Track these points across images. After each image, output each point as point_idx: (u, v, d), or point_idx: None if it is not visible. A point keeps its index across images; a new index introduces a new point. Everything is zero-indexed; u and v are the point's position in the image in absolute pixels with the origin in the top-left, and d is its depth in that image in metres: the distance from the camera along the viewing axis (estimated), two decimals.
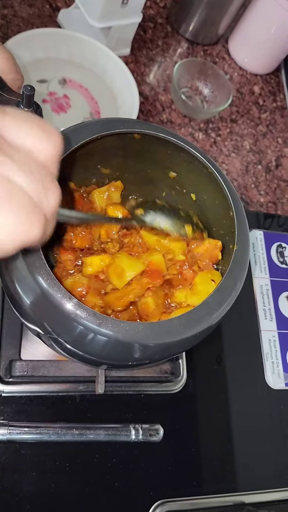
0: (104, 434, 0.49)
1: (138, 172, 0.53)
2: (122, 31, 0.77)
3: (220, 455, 0.56)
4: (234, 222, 0.45)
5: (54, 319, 0.39)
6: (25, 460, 0.48)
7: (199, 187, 0.51)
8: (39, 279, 0.37)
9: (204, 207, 0.52)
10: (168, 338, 0.37)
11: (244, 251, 0.44)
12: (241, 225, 0.45)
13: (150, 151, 0.50)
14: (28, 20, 0.77)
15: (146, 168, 0.53)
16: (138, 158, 0.51)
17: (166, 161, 0.51)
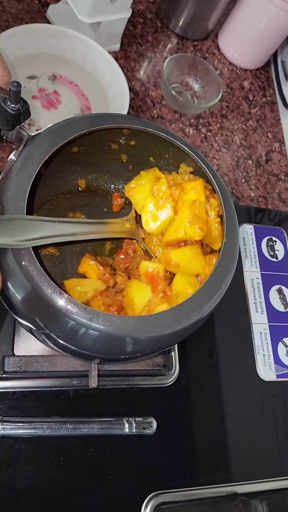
0: (97, 427, 0.50)
1: (126, 166, 0.53)
2: (111, 27, 0.77)
3: (213, 446, 0.57)
4: (223, 215, 0.45)
5: (45, 314, 0.39)
6: (20, 455, 0.48)
7: None
8: (29, 275, 0.37)
9: None
10: (159, 331, 0.38)
11: (233, 244, 0.44)
12: (230, 218, 0.46)
13: (139, 146, 0.50)
14: (17, 15, 0.77)
15: (134, 163, 0.53)
16: (126, 153, 0.52)
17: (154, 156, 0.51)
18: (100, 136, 0.47)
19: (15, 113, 0.40)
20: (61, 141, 0.42)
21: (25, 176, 0.39)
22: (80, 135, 0.43)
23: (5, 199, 0.38)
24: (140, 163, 0.52)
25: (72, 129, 0.43)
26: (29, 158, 0.40)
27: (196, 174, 0.49)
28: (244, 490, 0.55)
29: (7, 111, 0.40)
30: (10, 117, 0.40)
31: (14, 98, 0.39)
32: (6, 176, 0.41)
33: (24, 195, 0.38)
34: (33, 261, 0.37)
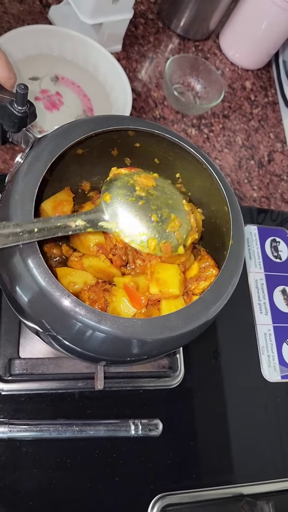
0: (104, 430, 0.50)
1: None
2: (113, 27, 0.77)
3: (218, 448, 0.57)
4: (229, 217, 0.45)
5: (53, 316, 0.39)
6: (26, 457, 0.48)
7: (192, 183, 0.52)
8: (37, 277, 0.37)
9: (197, 203, 0.52)
10: (167, 333, 0.38)
11: (240, 246, 0.44)
12: (236, 219, 0.46)
13: (144, 148, 0.50)
14: (18, 16, 0.77)
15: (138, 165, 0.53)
16: (132, 155, 0.52)
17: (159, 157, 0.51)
18: (105, 138, 0.47)
19: (21, 115, 0.40)
20: (67, 143, 0.42)
21: (32, 179, 0.39)
22: (85, 137, 0.43)
23: (12, 202, 0.38)
24: (144, 165, 0.52)
25: (78, 131, 0.43)
26: (36, 161, 0.40)
27: (200, 176, 0.49)
28: (250, 491, 0.55)
29: (13, 113, 0.39)
30: (16, 120, 0.40)
31: (21, 100, 0.39)
32: (13, 178, 0.41)
33: (32, 198, 0.38)
34: (40, 263, 0.37)
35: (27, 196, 0.38)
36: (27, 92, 0.38)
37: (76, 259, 0.48)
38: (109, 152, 0.51)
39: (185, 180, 0.52)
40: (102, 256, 0.47)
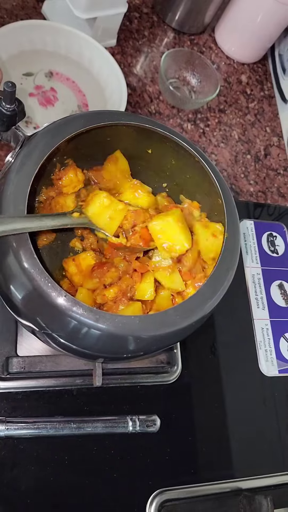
0: (101, 426, 0.50)
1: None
2: (107, 22, 0.76)
3: (216, 443, 0.57)
4: (223, 211, 0.45)
5: (48, 315, 0.39)
6: (24, 455, 0.48)
7: (185, 176, 0.51)
8: (31, 275, 0.37)
9: (191, 196, 0.52)
10: (164, 329, 0.38)
11: (235, 239, 0.44)
12: (231, 212, 0.46)
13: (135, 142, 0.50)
14: (12, 11, 0.76)
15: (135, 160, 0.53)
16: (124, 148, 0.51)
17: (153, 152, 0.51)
18: (96, 134, 0.47)
19: (10, 113, 0.39)
20: (58, 140, 0.42)
21: (24, 178, 0.39)
22: (77, 134, 0.43)
23: (5, 201, 0.38)
24: (138, 157, 0.52)
25: (68, 128, 0.43)
26: (26, 159, 0.40)
27: (194, 169, 0.49)
28: (248, 485, 0.55)
29: (1, 112, 0.39)
30: (5, 118, 0.40)
31: (9, 98, 0.38)
32: (4, 177, 0.40)
33: (24, 197, 0.38)
34: (35, 263, 0.37)
35: (20, 196, 0.38)
36: (15, 90, 0.38)
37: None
38: (100, 147, 0.50)
39: (177, 173, 0.52)
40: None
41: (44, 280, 0.37)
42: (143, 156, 0.51)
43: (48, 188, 0.50)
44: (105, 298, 0.47)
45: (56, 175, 0.50)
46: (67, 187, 0.50)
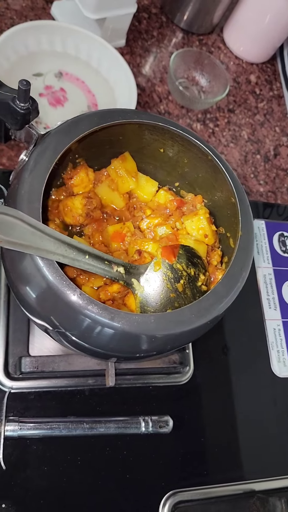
0: (114, 427, 0.49)
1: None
2: (117, 22, 0.76)
3: (229, 444, 0.57)
4: (237, 209, 0.45)
5: (63, 314, 0.39)
6: (37, 455, 0.48)
7: (197, 176, 0.51)
8: (45, 273, 0.37)
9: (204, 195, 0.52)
10: (180, 328, 0.37)
11: (249, 237, 0.44)
12: (245, 211, 0.45)
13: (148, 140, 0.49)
14: (21, 13, 0.76)
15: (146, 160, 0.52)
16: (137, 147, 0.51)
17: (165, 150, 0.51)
18: (109, 132, 0.47)
19: (24, 112, 0.39)
20: (71, 139, 0.41)
21: (38, 176, 0.39)
22: (90, 132, 0.43)
23: (19, 200, 0.38)
24: (150, 156, 0.52)
25: (81, 126, 0.43)
26: (40, 158, 0.40)
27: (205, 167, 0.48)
28: (262, 487, 0.54)
29: (16, 110, 0.39)
30: (19, 117, 0.39)
31: (23, 97, 0.38)
32: (18, 176, 0.40)
33: (39, 197, 0.37)
34: (50, 262, 0.37)
35: (34, 195, 0.38)
36: (29, 88, 0.38)
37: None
38: (112, 145, 0.50)
39: (189, 172, 0.52)
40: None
41: (58, 278, 0.36)
42: (155, 155, 0.51)
43: (59, 188, 0.50)
44: (108, 294, 0.46)
45: (67, 174, 0.50)
46: (78, 186, 0.50)
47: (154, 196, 0.52)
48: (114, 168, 0.50)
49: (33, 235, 0.36)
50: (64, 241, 0.38)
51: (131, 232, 0.50)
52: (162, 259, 0.45)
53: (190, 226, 0.49)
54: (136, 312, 0.44)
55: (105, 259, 0.41)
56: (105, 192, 0.50)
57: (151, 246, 0.47)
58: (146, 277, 0.44)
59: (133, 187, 0.51)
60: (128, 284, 0.43)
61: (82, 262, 0.39)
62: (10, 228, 0.35)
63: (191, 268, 0.45)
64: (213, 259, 0.50)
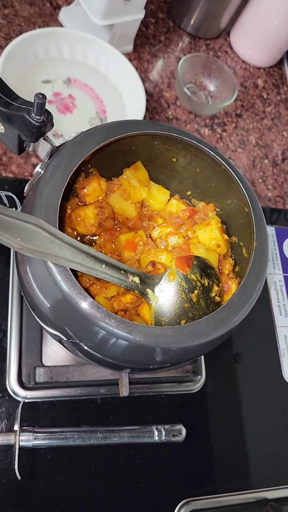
0: (127, 436, 0.49)
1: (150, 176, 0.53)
2: (125, 28, 0.76)
3: (241, 452, 0.57)
4: (251, 219, 0.45)
5: (78, 325, 0.39)
6: (51, 465, 0.48)
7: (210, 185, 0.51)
8: (60, 284, 0.37)
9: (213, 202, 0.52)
10: (197, 340, 0.37)
11: (263, 247, 0.44)
12: (259, 221, 0.45)
13: (161, 150, 0.49)
14: (29, 19, 0.76)
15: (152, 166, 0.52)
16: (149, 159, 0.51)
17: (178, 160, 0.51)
18: (122, 143, 0.47)
19: (39, 124, 0.39)
20: (86, 151, 0.41)
21: (54, 189, 0.39)
22: (104, 144, 0.43)
23: (36, 212, 0.38)
24: (162, 166, 0.52)
25: (96, 138, 0.42)
26: (56, 170, 0.40)
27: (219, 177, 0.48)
28: (275, 495, 0.54)
29: (31, 123, 0.39)
30: (34, 129, 0.39)
31: (39, 110, 0.38)
32: (34, 188, 0.40)
33: (55, 209, 0.38)
34: (64, 270, 0.37)
35: (51, 207, 0.38)
36: (45, 101, 0.38)
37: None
38: (124, 155, 0.50)
39: (201, 181, 0.52)
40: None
41: (74, 290, 0.36)
42: (167, 165, 0.51)
43: (71, 198, 0.50)
44: (122, 304, 0.46)
45: (80, 184, 0.50)
46: (90, 196, 0.50)
47: (166, 205, 0.52)
48: (126, 178, 0.50)
49: (52, 243, 0.36)
50: (82, 249, 0.38)
51: (143, 241, 0.50)
52: (176, 269, 0.45)
53: (202, 236, 0.49)
54: (151, 322, 0.44)
55: (121, 269, 0.41)
56: (117, 201, 0.50)
57: (165, 257, 0.47)
58: (161, 287, 0.44)
59: (145, 196, 0.51)
60: (143, 294, 0.43)
61: (98, 271, 0.39)
62: (30, 236, 0.35)
63: (205, 278, 0.45)
64: (225, 268, 0.50)
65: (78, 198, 0.50)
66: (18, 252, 0.36)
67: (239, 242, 0.49)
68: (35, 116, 0.39)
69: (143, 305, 0.46)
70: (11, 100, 0.40)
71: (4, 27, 0.74)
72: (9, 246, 0.34)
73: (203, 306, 0.45)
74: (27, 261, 0.41)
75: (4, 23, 0.74)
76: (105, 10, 0.71)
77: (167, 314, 0.43)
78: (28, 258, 0.40)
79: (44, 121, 0.39)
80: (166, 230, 0.51)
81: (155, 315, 0.43)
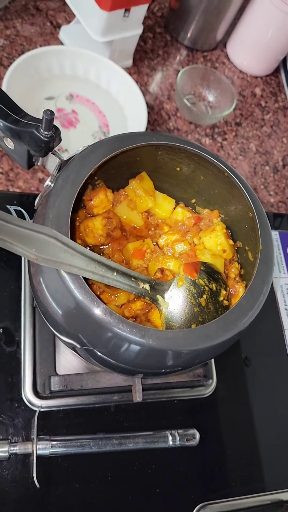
0: (142, 442, 0.50)
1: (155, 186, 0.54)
2: (124, 44, 0.78)
3: (254, 454, 0.57)
4: (255, 224, 0.46)
5: (92, 333, 0.40)
6: (68, 472, 0.49)
7: (214, 192, 0.52)
8: (76, 294, 0.38)
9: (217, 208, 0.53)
10: (208, 343, 0.38)
11: (269, 251, 0.45)
12: (263, 226, 0.46)
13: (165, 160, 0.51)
14: (30, 39, 0.79)
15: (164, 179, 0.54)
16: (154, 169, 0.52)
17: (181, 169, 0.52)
18: (128, 154, 0.48)
19: (48, 139, 0.41)
20: (94, 163, 0.43)
21: (64, 201, 0.40)
22: (111, 156, 0.44)
23: (47, 224, 0.39)
24: (166, 175, 0.53)
25: (103, 151, 0.44)
26: (65, 183, 0.41)
27: (221, 184, 0.50)
28: None
29: (40, 138, 0.40)
30: (43, 144, 0.41)
31: (48, 126, 0.40)
32: (44, 201, 0.42)
33: (66, 221, 0.39)
34: (77, 278, 0.38)
35: (62, 219, 0.39)
36: (53, 117, 0.39)
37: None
38: (129, 166, 0.51)
39: (205, 188, 0.53)
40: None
41: (87, 297, 0.37)
42: (172, 174, 0.53)
43: (79, 210, 0.51)
44: (132, 311, 0.47)
45: (87, 196, 0.51)
46: (98, 207, 0.51)
47: (172, 213, 0.54)
48: (132, 188, 0.52)
49: (65, 253, 0.37)
50: (94, 258, 0.39)
51: (151, 249, 0.51)
52: (184, 275, 0.46)
53: (208, 242, 0.50)
54: (162, 327, 0.45)
55: (132, 276, 0.42)
56: (124, 211, 0.52)
57: (173, 263, 0.48)
58: (170, 293, 0.45)
59: (151, 205, 0.52)
60: (154, 300, 0.44)
61: (110, 278, 0.40)
62: (45, 246, 0.36)
63: (212, 283, 0.47)
64: (231, 272, 0.51)
65: (86, 210, 0.51)
66: (33, 262, 0.37)
67: (244, 246, 0.51)
68: (43, 132, 0.40)
69: (153, 311, 0.47)
70: (20, 117, 0.42)
71: (7, 47, 0.76)
72: (25, 256, 0.35)
73: (212, 310, 0.46)
74: (40, 272, 0.42)
75: (6, 43, 0.77)
76: (104, 27, 0.73)
77: (178, 319, 0.44)
78: (41, 269, 0.41)
79: (52, 136, 0.41)
80: (173, 237, 0.52)
81: (166, 321, 0.44)
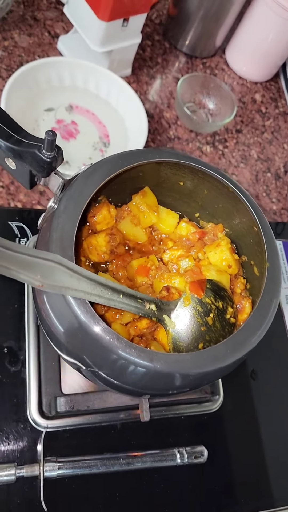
0: (150, 461, 0.49)
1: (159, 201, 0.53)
2: (123, 53, 0.77)
3: (263, 470, 0.56)
4: (260, 238, 0.45)
5: (98, 355, 0.39)
6: (75, 494, 0.48)
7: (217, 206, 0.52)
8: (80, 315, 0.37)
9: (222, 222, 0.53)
10: (217, 364, 0.38)
11: (276, 267, 0.44)
12: (269, 241, 0.46)
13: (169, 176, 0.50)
14: (29, 49, 0.78)
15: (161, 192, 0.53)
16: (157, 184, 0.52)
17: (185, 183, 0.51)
18: (131, 171, 0.48)
19: (50, 160, 0.40)
20: (98, 183, 0.42)
21: (69, 222, 0.39)
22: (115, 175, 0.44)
23: (52, 247, 0.38)
24: (169, 189, 0.52)
25: (106, 169, 0.43)
26: (69, 203, 0.40)
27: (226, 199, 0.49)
28: None
29: (42, 158, 0.40)
30: (45, 164, 0.40)
31: (50, 146, 0.39)
32: (48, 222, 0.41)
33: (71, 242, 0.38)
34: (82, 302, 0.37)
35: (67, 241, 0.38)
36: (55, 138, 0.39)
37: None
38: (132, 182, 0.51)
39: (209, 203, 0.52)
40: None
41: (92, 320, 0.37)
42: (175, 188, 0.52)
43: (82, 227, 0.51)
44: (138, 330, 0.47)
45: (90, 213, 0.51)
46: (101, 224, 0.50)
47: (176, 228, 0.53)
48: (135, 204, 0.51)
49: (71, 278, 0.37)
50: (100, 282, 0.39)
51: (156, 266, 0.50)
52: (191, 294, 0.45)
53: (213, 257, 0.50)
54: (168, 347, 0.44)
55: (138, 297, 0.42)
56: (127, 227, 0.51)
57: (178, 281, 0.47)
58: (177, 312, 0.44)
59: (155, 221, 0.52)
60: (160, 321, 0.43)
61: (116, 301, 0.40)
62: (50, 272, 0.36)
63: (219, 301, 0.46)
64: (236, 287, 0.50)
65: (89, 226, 0.51)
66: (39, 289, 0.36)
67: (250, 260, 0.50)
68: (45, 152, 0.40)
69: (159, 330, 0.46)
70: (21, 137, 0.41)
71: (5, 59, 0.76)
72: (30, 283, 0.35)
73: (219, 328, 0.45)
74: (44, 291, 0.41)
75: (5, 55, 0.76)
76: (103, 37, 0.72)
77: (185, 339, 0.44)
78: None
79: (54, 156, 0.40)
80: (177, 253, 0.51)
81: (173, 341, 0.44)
